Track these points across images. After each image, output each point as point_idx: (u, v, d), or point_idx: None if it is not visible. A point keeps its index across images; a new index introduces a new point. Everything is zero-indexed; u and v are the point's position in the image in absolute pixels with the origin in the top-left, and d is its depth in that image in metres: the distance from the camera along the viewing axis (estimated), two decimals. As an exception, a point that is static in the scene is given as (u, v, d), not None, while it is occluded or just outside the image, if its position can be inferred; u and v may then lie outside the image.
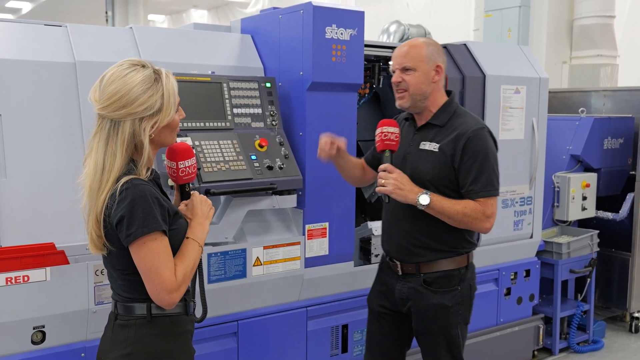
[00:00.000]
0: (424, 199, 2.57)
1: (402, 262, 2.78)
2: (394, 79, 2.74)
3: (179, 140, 2.15)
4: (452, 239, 2.73)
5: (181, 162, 2.10)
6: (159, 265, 1.88)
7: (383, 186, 2.59)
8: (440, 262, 2.72)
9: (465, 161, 2.64)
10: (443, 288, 2.72)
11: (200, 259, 2.10)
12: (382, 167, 2.62)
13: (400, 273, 2.80)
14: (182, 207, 2.13)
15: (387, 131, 2.65)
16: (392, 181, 2.58)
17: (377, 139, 2.67)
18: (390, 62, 2.78)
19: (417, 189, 2.60)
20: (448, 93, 2.82)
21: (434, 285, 2.72)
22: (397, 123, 2.73)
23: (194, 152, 2.40)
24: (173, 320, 2.03)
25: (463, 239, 2.76)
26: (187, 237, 2.03)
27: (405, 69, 2.70)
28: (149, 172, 1.98)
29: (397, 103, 2.77)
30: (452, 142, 2.67)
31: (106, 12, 17.03)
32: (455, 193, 2.68)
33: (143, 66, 1.96)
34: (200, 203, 2.13)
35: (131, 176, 1.90)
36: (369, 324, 2.99)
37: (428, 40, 2.77)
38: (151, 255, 1.87)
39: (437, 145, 2.70)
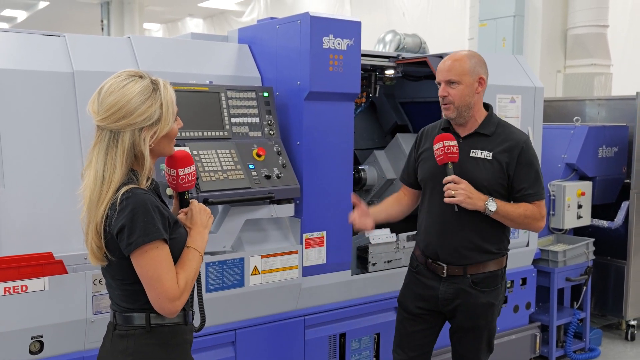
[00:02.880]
0: (492, 206, 2.75)
1: (448, 265, 2.89)
2: (440, 92, 2.85)
3: (176, 149, 2.15)
4: (500, 240, 2.93)
5: (181, 170, 2.11)
6: (161, 274, 1.88)
7: (453, 197, 2.73)
8: (487, 264, 2.89)
9: (521, 169, 2.82)
10: (489, 287, 2.90)
11: (199, 268, 2.11)
12: (448, 178, 2.76)
13: (444, 275, 2.90)
14: (181, 216, 2.14)
15: (449, 144, 2.78)
16: (462, 191, 2.73)
17: (438, 152, 2.79)
18: (436, 79, 2.88)
19: (483, 196, 2.76)
20: (485, 106, 2.96)
21: (480, 285, 2.89)
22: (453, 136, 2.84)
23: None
24: (172, 330, 2.03)
25: (507, 240, 2.98)
26: (188, 246, 2.03)
27: (450, 82, 2.80)
28: (149, 182, 1.99)
29: (444, 114, 2.89)
30: (506, 152, 2.83)
31: (102, 21, 17.06)
32: (503, 197, 2.84)
33: (141, 77, 1.97)
34: (199, 212, 2.14)
35: (131, 185, 1.90)
36: (402, 322, 3.09)
37: (471, 53, 2.88)
38: (153, 263, 1.88)
39: (490, 153, 2.84)
